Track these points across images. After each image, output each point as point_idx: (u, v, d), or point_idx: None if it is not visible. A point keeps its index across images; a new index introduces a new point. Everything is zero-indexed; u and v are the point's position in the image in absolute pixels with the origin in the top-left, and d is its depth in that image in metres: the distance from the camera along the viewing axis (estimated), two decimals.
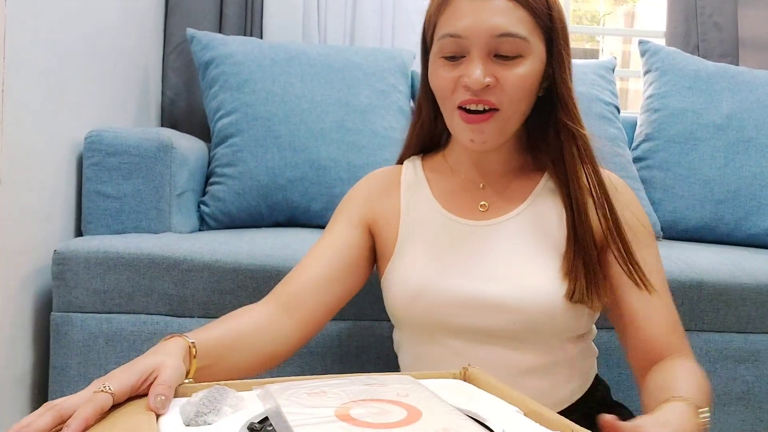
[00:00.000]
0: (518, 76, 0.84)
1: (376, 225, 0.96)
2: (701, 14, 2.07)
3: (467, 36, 0.83)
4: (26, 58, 1.17)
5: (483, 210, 0.92)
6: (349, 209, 0.97)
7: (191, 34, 1.68)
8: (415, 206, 0.95)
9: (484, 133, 0.86)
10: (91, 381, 1.24)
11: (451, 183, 0.95)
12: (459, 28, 0.83)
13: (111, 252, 1.18)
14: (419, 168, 0.99)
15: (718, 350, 1.25)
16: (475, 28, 0.83)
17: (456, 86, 0.85)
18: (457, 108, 0.86)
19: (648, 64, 1.85)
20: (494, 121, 0.85)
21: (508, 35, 0.82)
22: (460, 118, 0.86)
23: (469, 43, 0.83)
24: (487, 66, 0.83)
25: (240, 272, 1.18)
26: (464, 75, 0.84)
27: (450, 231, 0.91)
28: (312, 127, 1.56)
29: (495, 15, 0.82)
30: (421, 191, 0.96)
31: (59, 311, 1.18)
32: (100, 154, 1.31)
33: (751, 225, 1.64)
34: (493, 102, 0.84)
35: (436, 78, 0.88)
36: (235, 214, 1.52)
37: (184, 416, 0.56)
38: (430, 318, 0.88)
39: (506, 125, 0.87)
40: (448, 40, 0.85)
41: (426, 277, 0.88)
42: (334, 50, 1.71)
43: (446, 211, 0.93)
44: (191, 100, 1.92)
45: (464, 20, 0.83)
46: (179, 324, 1.18)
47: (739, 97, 1.72)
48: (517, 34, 0.83)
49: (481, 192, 0.94)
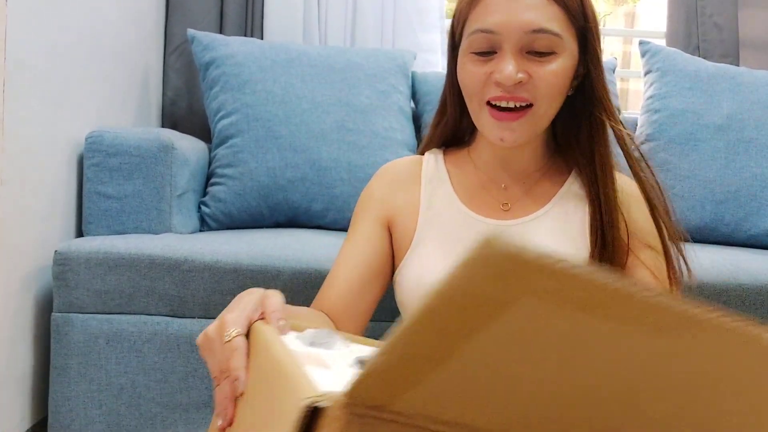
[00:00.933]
0: (552, 72, 0.82)
1: (395, 220, 0.94)
2: (701, 15, 2.07)
3: (500, 31, 0.81)
4: (26, 58, 1.17)
5: (505, 210, 0.91)
6: (369, 208, 0.95)
7: (192, 34, 1.68)
8: (435, 201, 0.93)
9: (515, 131, 0.84)
10: (92, 381, 1.23)
11: (473, 179, 0.93)
12: (491, 24, 0.82)
13: (112, 252, 1.18)
14: (441, 162, 0.96)
15: None
16: (507, 23, 0.81)
17: (486, 82, 0.83)
18: (486, 104, 0.84)
19: (648, 64, 1.85)
20: (527, 118, 0.84)
21: (541, 31, 0.81)
22: (490, 114, 0.84)
23: (501, 39, 0.82)
24: (520, 62, 0.82)
25: (240, 273, 1.18)
26: (495, 71, 0.82)
27: (470, 228, 0.89)
28: (312, 127, 1.56)
29: (528, 11, 0.81)
30: (442, 186, 0.94)
31: (60, 312, 1.18)
32: (101, 155, 1.31)
33: (751, 225, 1.64)
34: (526, 97, 0.82)
35: (465, 73, 0.86)
36: (235, 215, 1.52)
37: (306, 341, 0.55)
38: None
39: (538, 122, 0.85)
40: (480, 35, 0.83)
41: (442, 273, 0.87)
42: (335, 51, 1.71)
43: (467, 208, 0.91)
44: (192, 101, 1.92)
45: (497, 15, 0.81)
46: (180, 324, 1.18)
47: (740, 97, 1.72)
48: (550, 30, 0.81)
49: (504, 192, 0.92)
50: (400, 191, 0.95)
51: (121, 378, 1.18)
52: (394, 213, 0.94)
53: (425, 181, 0.94)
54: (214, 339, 0.58)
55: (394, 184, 0.96)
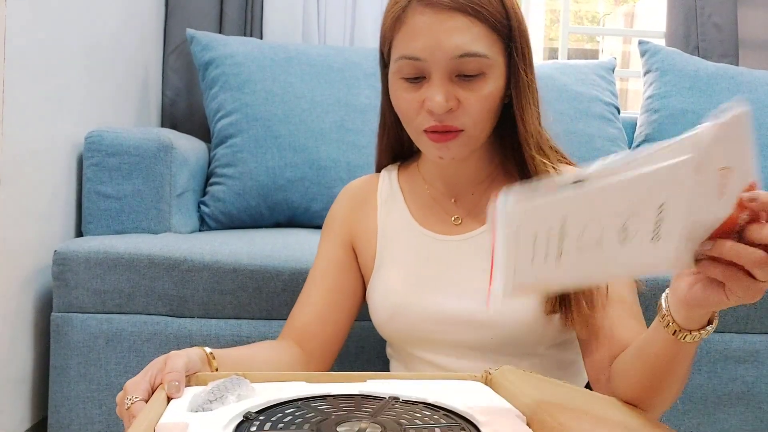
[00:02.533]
0: (481, 97, 0.81)
1: (357, 242, 0.97)
2: (701, 14, 2.07)
3: (426, 58, 0.79)
4: (26, 58, 1.17)
5: (456, 224, 0.92)
6: (331, 229, 0.98)
7: (191, 34, 1.68)
8: (391, 221, 0.95)
9: (450, 150, 0.84)
10: (91, 381, 1.24)
11: (424, 196, 0.95)
12: (416, 51, 0.80)
13: (111, 252, 1.18)
14: (395, 179, 0.98)
15: (718, 350, 1.25)
16: (433, 50, 0.79)
17: (420, 109, 0.82)
18: (424, 131, 0.83)
19: (648, 64, 1.85)
20: (460, 140, 0.83)
21: (468, 55, 0.79)
22: (428, 138, 0.83)
23: (428, 66, 0.80)
24: (449, 88, 0.80)
25: (240, 273, 1.18)
26: (427, 99, 0.81)
27: (424, 246, 0.91)
28: (312, 127, 1.56)
29: (453, 34, 0.78)
30: (396, 205, 0.96)
31: (59, 311, 1.19)
32: (101, 155, 1.31)
33: None
34: (456, 126, 0.81)
35: (399, 100, 0.85)
36: (235, 215, 1.53)
37: (193, 403, 0.58)
38: (410, 334, 0.89)
39: (473, 142, 0.85)
40: (406, 62, 0.81)
41: (402, 294, 0.89)
42: (334, 50, 1.71)
43: (420, 226, 0.93)
44: (191, 101, 1.92)
45: (421, 41, 0.79)
46: (179, 324, 1.18)
47: (739, 97, 1.72)
48: (477, 53, 0.79)
49: (453, 206, 0.93)
50: (360, 213, 0.97)
51: (121, 378, 1.18)
52: (356, 235, 0.97)
53: (380, 201, 0.97)
54: (119, 404, 0.66)
55: (354, 206, 0.98)
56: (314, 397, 0.62)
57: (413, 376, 0.71)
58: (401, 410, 0.59)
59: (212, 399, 0.58)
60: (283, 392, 0.62)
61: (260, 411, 0.57)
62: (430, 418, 0.58)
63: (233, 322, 1.19)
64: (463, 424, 0.57)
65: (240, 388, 0.61)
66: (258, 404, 0.58)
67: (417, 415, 0.58)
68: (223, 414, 0.56)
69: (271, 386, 0.64)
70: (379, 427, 0.54)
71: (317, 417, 0.56)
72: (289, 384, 0.66)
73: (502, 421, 0.58)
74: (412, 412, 0.59)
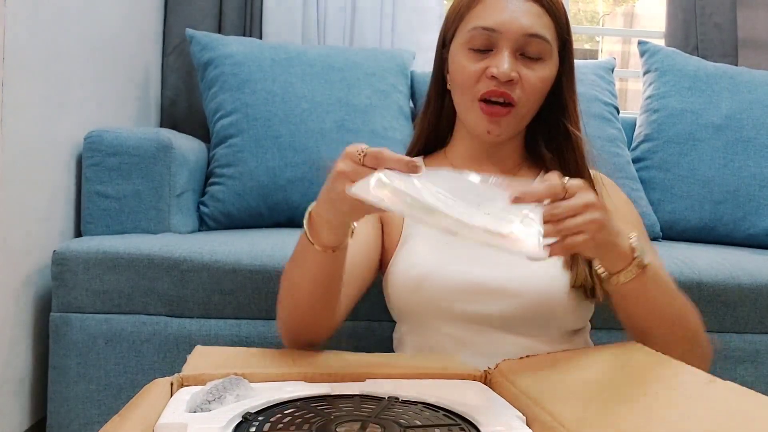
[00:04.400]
0: (539, 78, 0.90)
1: (385, 218, 0.99)
2: (701, 15, 2.07)
3: (500, 30, 0.88)
4: (26, 58, 1.17)
5: None
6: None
7: (190, 34, 1.68)
8: None
9: (500, 126, 0.91)
10: (91, 381, 1.23)
11: None
12: (493, 22, 0.88)
13: (110, 252, 1.18)
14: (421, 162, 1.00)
15: (718, 350, 1.25)
16: (509, 24, 0.88)
17: (480, 78, 0.90)
18: (479, 100, 0.90)
19: (647, 64, 1.85)
20: (511, 117, 0.90)
21: (536, 36, 0.89)
22: (480, 109, 0.90)
23: (500, 38, 0.88)
24: (514, 62, 0.88)
25: (240, 273, 1.18)
26: (492, 66, 0.88)
27: None
28: (312, 127, 1.56)
29: (526, 15, 0.88)
30: None
31: (58, 312, 1.18)
32: (100, 155, 1.31)
33: (750, 225, 1.64)
34: (512, 97, 0.89)
35: (460, 68, 0.92)
36: (234, 215, 1.52)
37: (192, 403, 0.59)
38: (433, 305, 0.90)
39: (520, 121, 0.93)
40: (480, 32, 0.89)
41: (431, 263, 0.91)
42: (334, 50, 1.71)
43: None
44: (191, 101, 1.92)
45: (498, 15, 0.88)
46: (179, 324, 1.18)
47: (739, 97, 1.72)
48: (544, 36, 0.89)
49: None
50: None
51: (120, 378, 1.18)
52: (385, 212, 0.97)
53: None
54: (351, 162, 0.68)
55: None
56: (314, 397, 0.62)
57: (413, 376, 0.71)
58: (401, 410, 0.59)
59: (211, 399, 0.58)
60: (283, 392, 0.62)
61: (259, 411, 0.57)
62: (430, 418, 0.58)
63: (233, 322, 1.19)
64: (463, 424, 0.57)
65: (238, 388, 0.61)
66: (257, 404, 0.58)
67: (417, 415, 0.58)
68: (221, 414, 0.56)
69: (270, 386, 0.64)
70: (379, 427, 0.54)
71: (317, 417, 0.56)
72: (289, 384, 0.66)
73: (502, 421, 0.58)
74: (412, 412, 0.59)
